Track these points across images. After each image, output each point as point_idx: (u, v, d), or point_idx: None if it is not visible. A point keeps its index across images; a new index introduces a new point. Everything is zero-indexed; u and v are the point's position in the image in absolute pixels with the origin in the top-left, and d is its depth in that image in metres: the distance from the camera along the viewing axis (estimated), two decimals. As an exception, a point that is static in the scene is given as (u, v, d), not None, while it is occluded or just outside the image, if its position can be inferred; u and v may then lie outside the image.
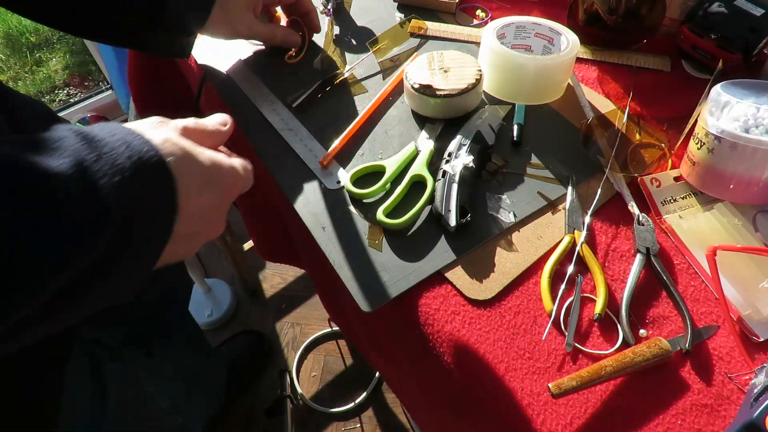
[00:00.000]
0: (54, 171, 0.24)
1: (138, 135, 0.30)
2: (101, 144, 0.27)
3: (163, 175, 0.31)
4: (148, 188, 0.29)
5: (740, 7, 0.68)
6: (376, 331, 0.63)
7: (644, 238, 0.54)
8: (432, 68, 0.66)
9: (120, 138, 0.29)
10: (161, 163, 0.30)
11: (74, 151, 0.26)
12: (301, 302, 1.46)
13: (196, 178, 0.34)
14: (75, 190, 0.25)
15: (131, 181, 0.28)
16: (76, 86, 2.11)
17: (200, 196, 0.34)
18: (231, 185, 0.38)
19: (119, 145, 0.28)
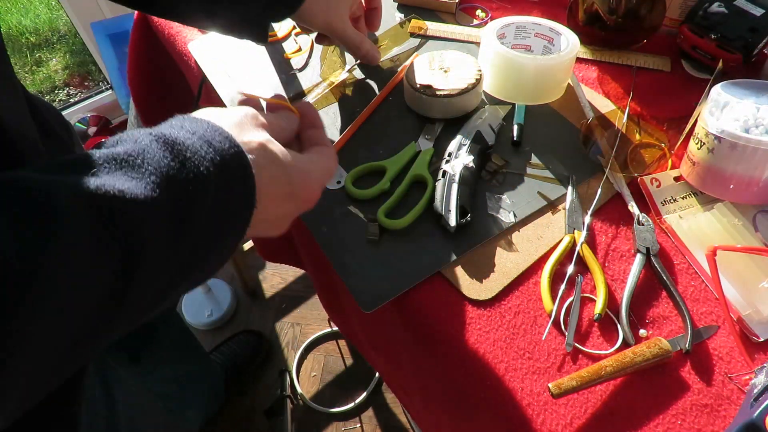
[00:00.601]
0: (141, 199, 0.24)
1: (219, 130, 0.29)
2: (183, 148, 0.27)
3: (245, 174, 0.30)
4: (231, 189, 0.29)
5: (740, 7, 0.68)
6: (376, 331, 0.63)
7: (644, 238, 0.54)
8: (432, 68, 0.66)
9: (201, 137, 0.28)
10: (244, 163, 0.30)
11: (158, 166, 0.25)
12: (301, 302, 1.46)
13: (280, 188, 0.33)
14: (162, 211, 0.25)
15: (216, 186, 0.27)
16: (76, 86, 2.11)
17: (279, 206, 0.34)
18: (312, 198, 0.37)
19: (201, 146, 0.28)
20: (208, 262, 0.30)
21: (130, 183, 0.24)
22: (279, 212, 0.34)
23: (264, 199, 0.31)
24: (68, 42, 2.31)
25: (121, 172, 0.24)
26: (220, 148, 0.28)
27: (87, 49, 1.73)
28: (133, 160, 0.25)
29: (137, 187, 0.24)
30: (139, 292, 0.25)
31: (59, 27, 2.39)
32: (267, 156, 0.32)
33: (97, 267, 0.22)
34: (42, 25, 2.37)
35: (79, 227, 0.22)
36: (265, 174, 0.31)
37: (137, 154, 0.25)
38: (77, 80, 2.13)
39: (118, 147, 0.26)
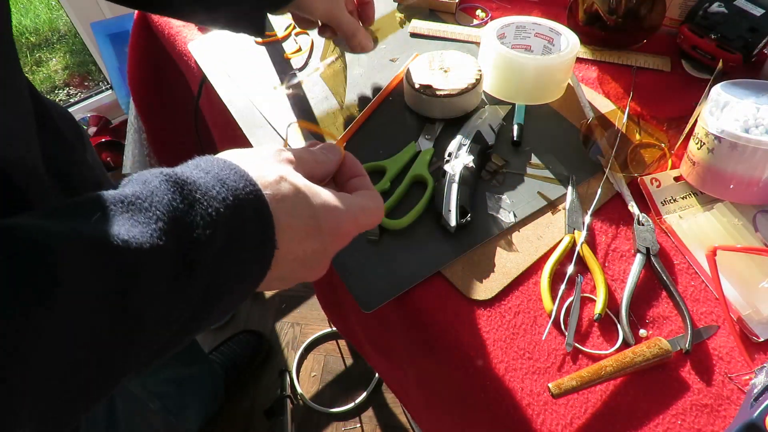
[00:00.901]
0: (146, 248, 0.23)
1: (235, 169, 0.28)
2: (193, 188, 0.26)
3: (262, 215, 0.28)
4: (245, 230, 0.27)
5: (740, 7, 0.68)
6: (376, 331, 0.63)
7: (644, 238, 0.54)
8: (432, 68, 0.66)
9: (214, 176, 0.27)
10: (260, 201, 0.28)
11: (166, 210, 0.24)
12: (301, 302, 1.46)
13: (303, 222, 0.31)
14: (167, 259, 0.24)
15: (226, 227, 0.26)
16: (76, 86, 2.11)
17: (304, 241, 0.31)
18: (342, 233, 0.34)
19: (213, 185, 0.26)
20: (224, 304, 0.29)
21: (135, 230, 0.23)
22: (306, 250, 0.31)
23: (284, 236, 0.29)
24: (68, 42, 2.31)
25: (128, 216, 0.24)
26: (233, 187, 0.27)
27: (87, 49, 1.73)
28: (141, 203, 0.24)
29: (143, 235, 0.23)
30: (143, 339, 0.24)
31: (59, 27, 2.39)
32: (285, 188, 0.30)
33: (99, 320, 0.22)
34: (42, 25, 2.37)
35: (79, 282, 0.21)
36: (284, 207, 0.29)
37: (145, 197, 0.24)
38: (77, 80, 2.13)
39: (127, 188, 0.25)
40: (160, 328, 0.25)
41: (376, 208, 0.36)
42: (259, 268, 0.29)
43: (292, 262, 0.31)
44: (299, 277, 0.34)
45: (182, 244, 0.24)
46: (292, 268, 0.32)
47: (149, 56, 0.92)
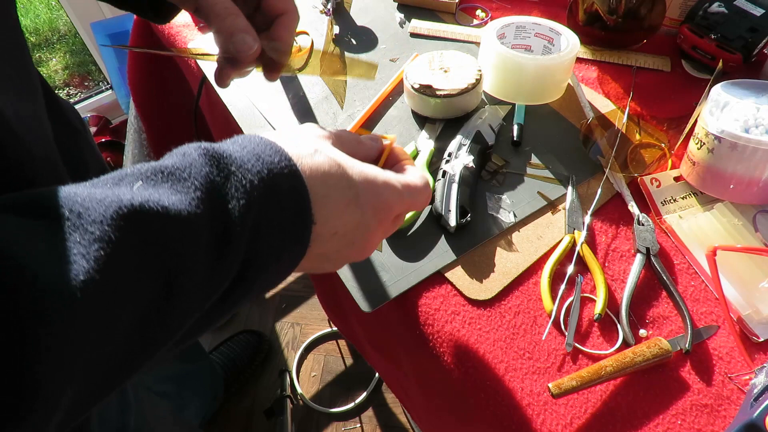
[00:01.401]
0: (184, 215, 0.23)
1: (271, 145, 0.28)
2: (230, 161, 0.26)
3: (296, 191, 0.28)
4: (280, 204, 0.27)
5: (740, 7, 0.68)
6: (376, 331, 0.63)
7: (644, 238, 0.54)
8: (432, 68, 0.66)
9: (250, 151, 0.27)
10: (295, 176, 0.28)
11: (203, 180, 0.25)
12: (301, 302, 1.45)
13: (340, 194, 0.30)
14: (204, 228, 0.24)
15: (261, 200, 0.26)
16: (76, 86, 2.11)
17: (343, 214, 0.31)
18: (383, 207, 0.33)
19: (248, 159, 0.27)
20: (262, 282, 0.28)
21: (175, 197, 0.24)
22: (346, 224, 0.31)
23: (322, 210, 0.29)
24: (68, 42, 2.31)
25: (167, 185, 0.24)
26: (269, 161, 0.27)
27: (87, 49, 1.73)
28: (180, 173, 0.25)
29: (181, 203, 0.24)
30: (181, 311, 0.24)
31: (59, 27, 2.39)
32: (320, 159, 0.30)
33: (138, 285, 0.22)
34: (42, 25, 2.37)
35: (120, 245, 0.21)
36: (319, 178, 0.29)
37: (184, 167, 0.25)
38: (77, 80, 2.13)
39: (167, 160, 0.26)
40: (196, 300, 0.25)
41: (423, 186, 0.35)
42: (298, 244, 0.29)
43: (333, 239, 0.31)
44: (345, 256, 0.33)
45: (218, 214, 0.25)
46: (335, 247, 0.32)
47: (149, 56, 0.92)
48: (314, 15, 0.83)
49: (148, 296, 0.22)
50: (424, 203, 0.36)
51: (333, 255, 0.32)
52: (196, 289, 0.24)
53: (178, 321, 0.24)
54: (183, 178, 0.24)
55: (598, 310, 0.49)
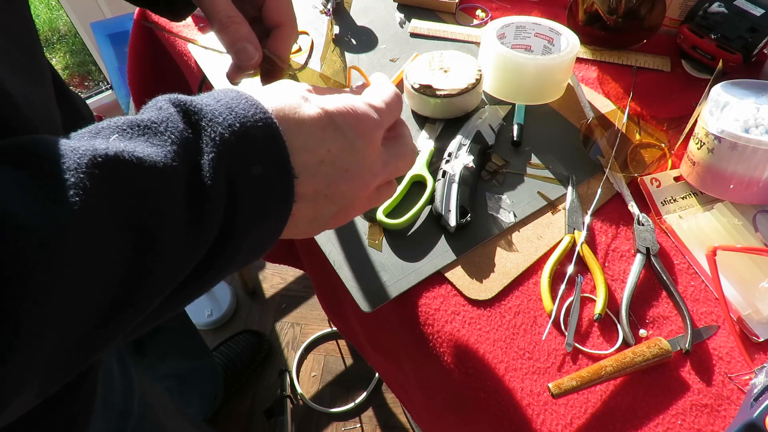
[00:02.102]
0: (160, 167, 0.23)
1: (245, 97, 0.27)
2: (201, 115, 0.26)
3: (271, 137, 0.27)
4: (255, 155, 0.26)
5: (740, 7, 0.68)
6: (376, 331, 0.63)
7: (644, 238, 0.54)
8: (432, 68, 0.66)
9: (224, 104, 0.27)
10: (269, 125, 0.27)
11: (179, 135, 0.25)
12: (301, 302, 1.45)
13: (313, 120, 0.29)
14: (180, 182, 0.24)
15: (234, 152, 0.26)
16: (76, 86, 2.11)
17: (324, 140, 0.29)
18: (363, 118, 0.31)
19: (221, 112, 0.26)
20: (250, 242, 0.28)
21: (150, 150, 0.23)
22: (330, 147, 0.30)
23: (297, 136, 0.28)
24: (68, 42, 2.31)
25: (143, 138, 0.24)
26: (242, 114, 0.26)
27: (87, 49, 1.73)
28: (156, 127, 0.24)
29: (157, 155, 0.23)
30: (163, 268, 0.24)
31: (59, 27, 2.39)
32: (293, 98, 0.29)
33: (114, 235, 0.21)
34: (42, 25, 2.37)
35: (93, 192, 0.21)
36: (292, 116, 0.28)
37: (161, 121, 0.25)
38: (77, 80, 2.13)
39: (143, 114, 0.25)
40: (177, 258, 0.24)
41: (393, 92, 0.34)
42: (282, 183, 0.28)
43: (321, 167, 0.30)
44: (346, 191, 0.31)
45: (193, 169, 0.24)
46: (327, 177, 0.30)
47: (149, 56, 0.92)
48: (314, 15, 0.83)
49: (124, 247, 0.22)
50: (399, 108, 0.35)
51: (331, 190, 0.31)
52: (175, 245, 0.24)
53: (161, 279, 0.24)
54: (159, 131, 0.24)
55: (598, 310, 0.49)
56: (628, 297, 0.50)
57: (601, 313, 0.49)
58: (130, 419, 0.54)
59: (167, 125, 0.25)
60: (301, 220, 0.31)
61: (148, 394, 0.61)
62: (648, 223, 0.55)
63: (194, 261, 0.25)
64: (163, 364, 0.93)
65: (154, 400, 0.63)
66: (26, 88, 0.31)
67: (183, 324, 0.98)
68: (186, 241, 0.24)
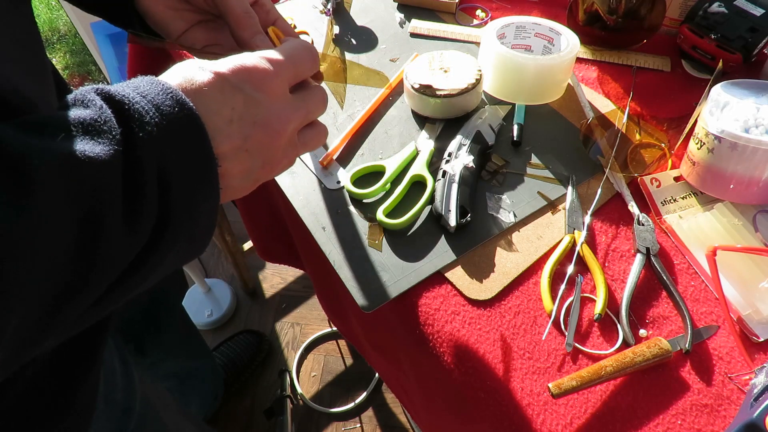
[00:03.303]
0: (106, 163, 0.25)
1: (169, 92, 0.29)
2: (132, 113, 0.28)
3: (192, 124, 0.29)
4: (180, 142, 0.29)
5: (740, 7, 0.68)
6: (376, 331, 0.63)
7: (644, 238, 0.54)
8: (432, 68, 0.66)
9: (150, 101, 0.29)
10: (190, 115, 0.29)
11: (119, 134, 0.26)
12: (301, 302, 1.45)
13: (209, 83, 0.31)
14: (119, 173, 0.26)
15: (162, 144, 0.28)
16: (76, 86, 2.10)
17: (223, 99, 0.31)
18: (255, 70, 0.33)
19: (149, 109, 0.28)
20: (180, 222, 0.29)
21: (96, 148, 0.25)
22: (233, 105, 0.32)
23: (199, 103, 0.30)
24: (68, 42, 2.31)
25: (88, 138, 0.26)
26: (168, 112, 0.29)
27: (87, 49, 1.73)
28: (99, 127, 0.26)
29: (102, 152, 0.25)
30: (108, 254, 0.26)
31: (59, 27, 2.39)
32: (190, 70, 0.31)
33: (68, 225, 0.24)
34: (42, 25, 2.37)
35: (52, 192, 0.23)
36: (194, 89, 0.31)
37: (102, 121, 0.26)
38: (77, 80, 2.13)
39: (81, 111, 0.27)
40: (121, 245, 0.26)
41: (300, 43, 0.36)
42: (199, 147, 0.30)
43: (231, 126, 0.31)
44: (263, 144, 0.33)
45: (128, 164, 0.27)
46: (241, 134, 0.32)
47: (149, 56, 0.92)
48: (314, 15, 0.83)
49: (73, 237, 0.24)
50: (308, 57, 0.36)
51: (248, 145, 0.33)
52: (117, 234, 0.26)
53: (106, 266, 0.26)
54: (103, 130, 0.26)
55: (598, 310, 0.49)
56: (628, 297, 0.50)
57: (601, 313, 0.49)
58: (132, 417, 0.55)
59: (108, 125, 0.26)
60: (232, 179, 0.33)
61: (150, 393, 0.61)
62: (648, 223, 0.55)
63: (137, 248, 0.27)
64: (164, 364, 0.93)
65: (155, 398, 0.63)
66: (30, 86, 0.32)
67: (184, 324, 0.98)
68: (126, 229, 0.26)
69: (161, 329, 0.88)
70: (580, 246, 0.53)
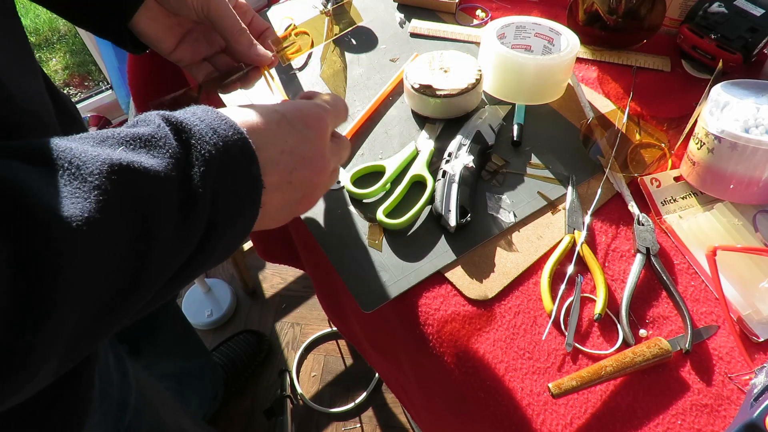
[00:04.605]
0: (162, 176, 0.27)
1: (223, 118, 0.32)
2: (191, 134, 0.30)
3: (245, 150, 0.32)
4: (233, 165, 0.31)
5: (740, 7, 0.68)
6: (376, 332, 0.63)
7: (644, 238, 0.54)
8: (432, 68, 0.66)
9: (208, 124, 0.31)
10: (244, 143, 0.32)
11: (174, 150, 0.29)
12: (301, 302, 1.45)
13: (269, 119, 0.35)
14: (175, 186, 0.28)
15: (218, 166, 0.30)
16: (76, 86, 2.11)
17: (280, 133, 0.35)
18: (311, 114, 0.38)
19: (206, 132, 0.31)
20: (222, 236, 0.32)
21: (153, 161, 0.27)
22: (287, 139, 0.35)
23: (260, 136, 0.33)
24: (68, 42, 2.31)
25: (145, 150, 0.28)
26: (223, 135, 0.31)
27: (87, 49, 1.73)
28: (156, 141, 0.28)
29: (159, 165, 0.27)
30: (159, 260, 0.27)
31: (59, 27, 2.39)
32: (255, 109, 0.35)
33: (124, 231, 0.25)
34: (42, 25, 2.37)
35: (112, 193, 0.25)
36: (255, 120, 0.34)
37: (159, 137, 0.29)
38: (77, 80, 2.13)
39: (141, 128, 0.29)
40: (170, 252, 0.28)
41: (335, 96, 0.43)
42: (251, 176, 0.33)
43: (282, 157, 0.35)
44: (305, 177, 0.37)
45: (185, 178, 0.29)
46: (289, 166, 0.36)
47: (149, 56, 0.92)
48: (314, 15, 0.82)
49: (131, 240, 0.26)
50: (344, 110, 0.43)
51: (293, 177, 0.36)
52: (169, 242, 0.28)
53: (157, 270, 0.28)
54: (159, 145, 0.28)
55: (598, 310, 0.49)
56: (628, 297, 0.50)
57: (601, 313, 0.49)
58: (128, 411, 0.56)
59: (164, 141, 0.29)
60: (272, 209, 0.36)
61: (147, 390, 0.62)
62: (648, 223, 0.55)
63: (184, 257, 0.29)
64: (160, 364, 0.93)
65: (153, 395, 0.63)
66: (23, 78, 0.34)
67: (178, 324, 0.98)
68: (178, 239, 0.28)
69: (155, 329, 0.88)
70: (580, 246, 0.53)
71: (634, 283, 0.51)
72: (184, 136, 0.30)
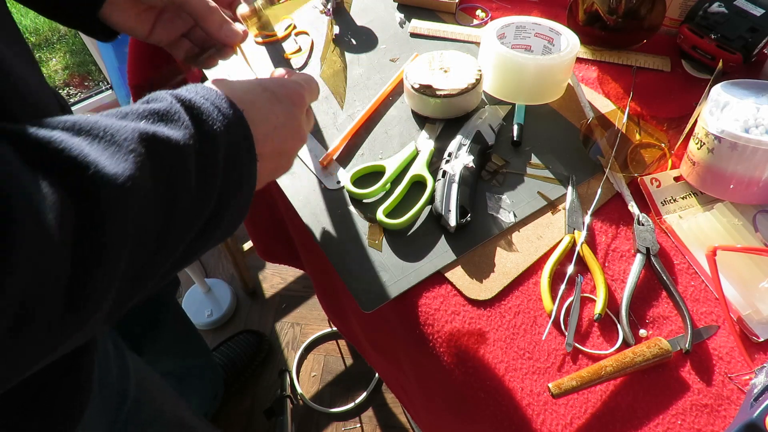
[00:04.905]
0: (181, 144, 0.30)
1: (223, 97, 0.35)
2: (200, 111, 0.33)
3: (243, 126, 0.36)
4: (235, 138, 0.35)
5: (740, 7, 0.68)
6: (376, 332, 0.63)
7: (644, 238, 0.54)
8: (432, 68, 0.66)
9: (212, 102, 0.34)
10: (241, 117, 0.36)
11: (189, 123, 0.32)
12: (301, 302, 1.45)
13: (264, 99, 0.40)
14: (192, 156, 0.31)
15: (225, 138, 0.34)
16: (76, 86, 2.11)
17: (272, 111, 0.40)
18: (295, 91, 0.43)
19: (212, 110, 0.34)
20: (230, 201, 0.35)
21: (172, 132, 0.30)
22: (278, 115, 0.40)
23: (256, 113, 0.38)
24: (68, 42, 2.31)
25: (163, 123, 0.31)
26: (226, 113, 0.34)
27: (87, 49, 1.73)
28: (171, 116, 0.31)
29: (178, 135, 0.31)
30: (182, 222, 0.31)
31: (59, 27, 2.38)
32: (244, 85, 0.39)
33: (156, 190, 0.28)
34: (42, 25, 2.37)
35: (145, 156, 0.28)
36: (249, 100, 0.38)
37: (174, 111, 0.32)
38: (77, 80, 2.13)
39: (156, 104, 0.32)
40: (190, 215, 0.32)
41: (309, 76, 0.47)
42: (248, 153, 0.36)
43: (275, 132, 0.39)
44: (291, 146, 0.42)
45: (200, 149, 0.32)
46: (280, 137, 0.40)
47: (149, 56, 0.92)
48: (314, 15, 0.83)
49: (161, 198, 0.29)
50: (317, 89, 0.47)
51: (282, 146, 0.41)
52: (191, 202, 0.31)
53: (181, 230, 0.31)
54: (174, 119, 0.31)
55: (598, 310, 0.49)
56: (628, 297, 0.50)
57: (601, 313, 0.49)
58: (127, 400, 0.57)
59: (179, 115, 0.32)
60: (263, 176, 0.40)
61: (147, 381, 0.62)
62: (648, 223, 0.55)
63: (202, 219, 0.33)
64: (161, 362, 0.93)
65: (152, 386, 0.64)
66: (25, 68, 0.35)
67: (180, 323, 0.98)
68: (197, 199, 0.32)
69: (157, 326, 0.88)
70: (580, 246, 0.53)
71: (634, 283, 0.51)
72: (194, 112, 0.33)
